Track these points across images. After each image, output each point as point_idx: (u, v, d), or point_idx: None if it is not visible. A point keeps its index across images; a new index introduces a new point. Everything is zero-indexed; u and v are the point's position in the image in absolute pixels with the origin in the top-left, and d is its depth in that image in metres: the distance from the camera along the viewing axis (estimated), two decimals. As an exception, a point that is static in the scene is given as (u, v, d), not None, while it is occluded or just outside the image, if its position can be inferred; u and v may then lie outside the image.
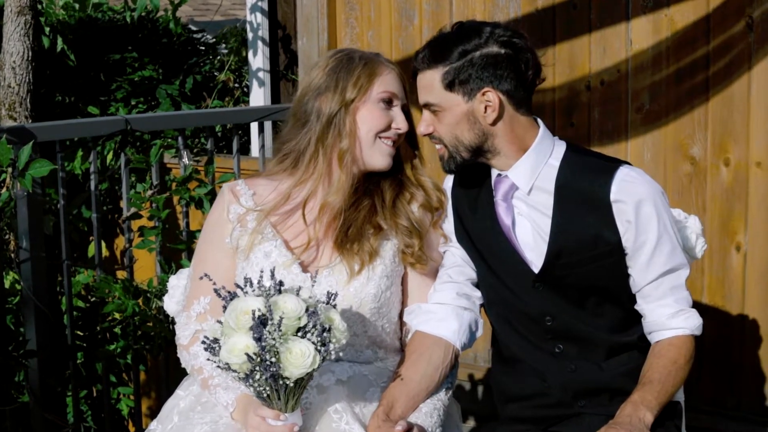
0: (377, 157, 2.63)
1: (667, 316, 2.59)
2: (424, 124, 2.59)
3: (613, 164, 2.58)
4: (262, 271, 2.39)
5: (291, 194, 2.66)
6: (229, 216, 2.69)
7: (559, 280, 2.58)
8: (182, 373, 2.77)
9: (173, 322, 3.86)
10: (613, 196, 2.52)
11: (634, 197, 2.52)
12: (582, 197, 2.55)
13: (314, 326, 2.23)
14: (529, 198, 2.59)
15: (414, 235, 2.65)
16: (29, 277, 3.71)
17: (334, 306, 2.33)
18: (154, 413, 4.92)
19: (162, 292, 3.94)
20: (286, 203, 2.66)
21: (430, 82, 2.54)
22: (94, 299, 4.28)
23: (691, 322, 2.59)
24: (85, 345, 4.15)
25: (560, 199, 2.56)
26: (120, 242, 5.23)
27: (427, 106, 2.58)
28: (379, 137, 2.62)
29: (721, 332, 3.80)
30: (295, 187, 2.66)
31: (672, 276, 2.59)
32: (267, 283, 2.29)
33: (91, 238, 5.00)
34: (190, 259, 4.12)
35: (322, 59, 2.69)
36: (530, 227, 2.60)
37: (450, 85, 2.52)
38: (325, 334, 2.23)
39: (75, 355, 4.00)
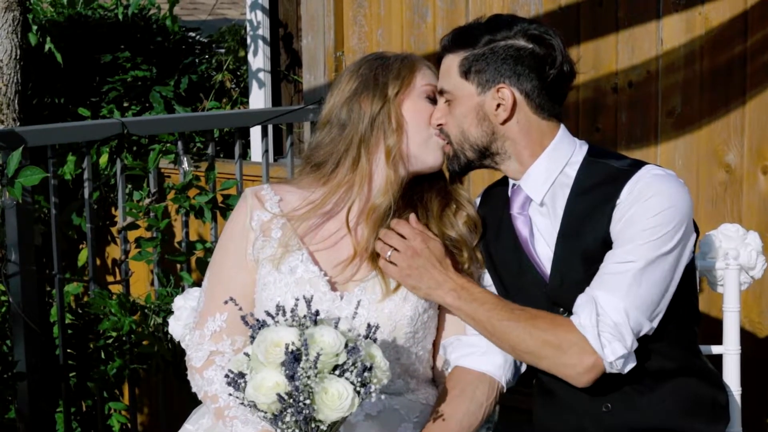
0: (431, 152, 2.44)
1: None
2: (439, 112, 2.42)
3: (634, 167, 2.32)
4: (297, 299, 2.15)
5: (324, 203, 2.44)
6: (252, 223, 2.46)
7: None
8: (179, 387, 2.55)
9: (172, 340, 3.67)
10: (619, 199, 2.27)
11: (642, 193, 2.25)
12: (591, 212, 2.31)
13: (354, 364, 2.00)
14: (543, 210, 2.38)
15: (464, 249, 2.44)
16: (18, 292, 3.55)
17: (375, 339, 2.09)
18: (147, 429, 4.78)
19: (160, 307, 3.76)
20: (317, 213, 2.44)
21: (449, 66, 2.38)
22: (83, 312, 4.07)
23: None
24: (77, 364, 3.95)
25: (570, 214, 2.33)
26: (111, 251, 5.10)
27: (442, 93, 2.41)
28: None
29: (758, 350, 3.63)
30: (331, 195, 2.44)
31: (619, 266, 2.23)
32: (301, 311, 2.06)
33: (80, 246, 4.86)
34: (189, 271, 3.95)
35: (349, 67, 2.51)
36: (546, 243, 2.38)
37: (466, 73, 2.35)
38: (365, 374, 1.99)
39: (67, 375, 3.80)
